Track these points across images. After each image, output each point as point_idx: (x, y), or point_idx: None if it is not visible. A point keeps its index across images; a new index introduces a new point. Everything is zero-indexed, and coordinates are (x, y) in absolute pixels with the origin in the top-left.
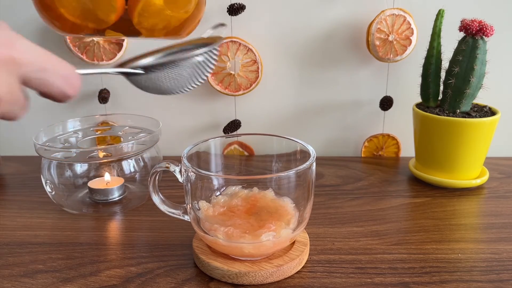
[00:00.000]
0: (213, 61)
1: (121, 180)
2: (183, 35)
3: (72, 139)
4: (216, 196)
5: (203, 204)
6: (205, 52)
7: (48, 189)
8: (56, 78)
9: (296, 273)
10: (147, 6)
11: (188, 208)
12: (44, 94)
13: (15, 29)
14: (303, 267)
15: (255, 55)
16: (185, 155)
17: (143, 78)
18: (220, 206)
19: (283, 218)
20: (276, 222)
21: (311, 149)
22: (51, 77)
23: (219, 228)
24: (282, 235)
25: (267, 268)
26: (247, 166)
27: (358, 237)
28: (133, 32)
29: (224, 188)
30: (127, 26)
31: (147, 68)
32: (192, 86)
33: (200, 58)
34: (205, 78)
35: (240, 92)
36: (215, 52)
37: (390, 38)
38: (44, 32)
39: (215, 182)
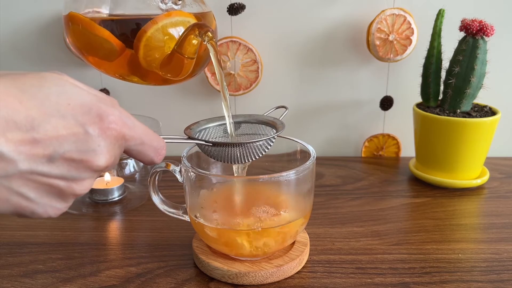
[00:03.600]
0: (270, 145)
1: (121, 180)
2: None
3: None
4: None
5: (202, 191)
6: (268, 138)
7: None
8: (150, 150)
9: (296, 273)
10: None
11: (188, 207)
12: (136, 159)
13: (15, 29)
14: (303, 267)
15: (255, 55)
16: (185, 155)
17: (208, 147)
18: (219, 195)
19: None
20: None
21: (311, 149)
22: (147, 150)
23: (217, 214)
24: (282, 219)
25: (267, 268)
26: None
27: (358, 237)
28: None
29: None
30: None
31: (216, 144)
32: (244, 161)
33: (260, 143)
34: (258, 157)
35: (240, 92)
36: (275, 137)
37: (391, 38)
38: (44, 32)
39: (215, 182)
